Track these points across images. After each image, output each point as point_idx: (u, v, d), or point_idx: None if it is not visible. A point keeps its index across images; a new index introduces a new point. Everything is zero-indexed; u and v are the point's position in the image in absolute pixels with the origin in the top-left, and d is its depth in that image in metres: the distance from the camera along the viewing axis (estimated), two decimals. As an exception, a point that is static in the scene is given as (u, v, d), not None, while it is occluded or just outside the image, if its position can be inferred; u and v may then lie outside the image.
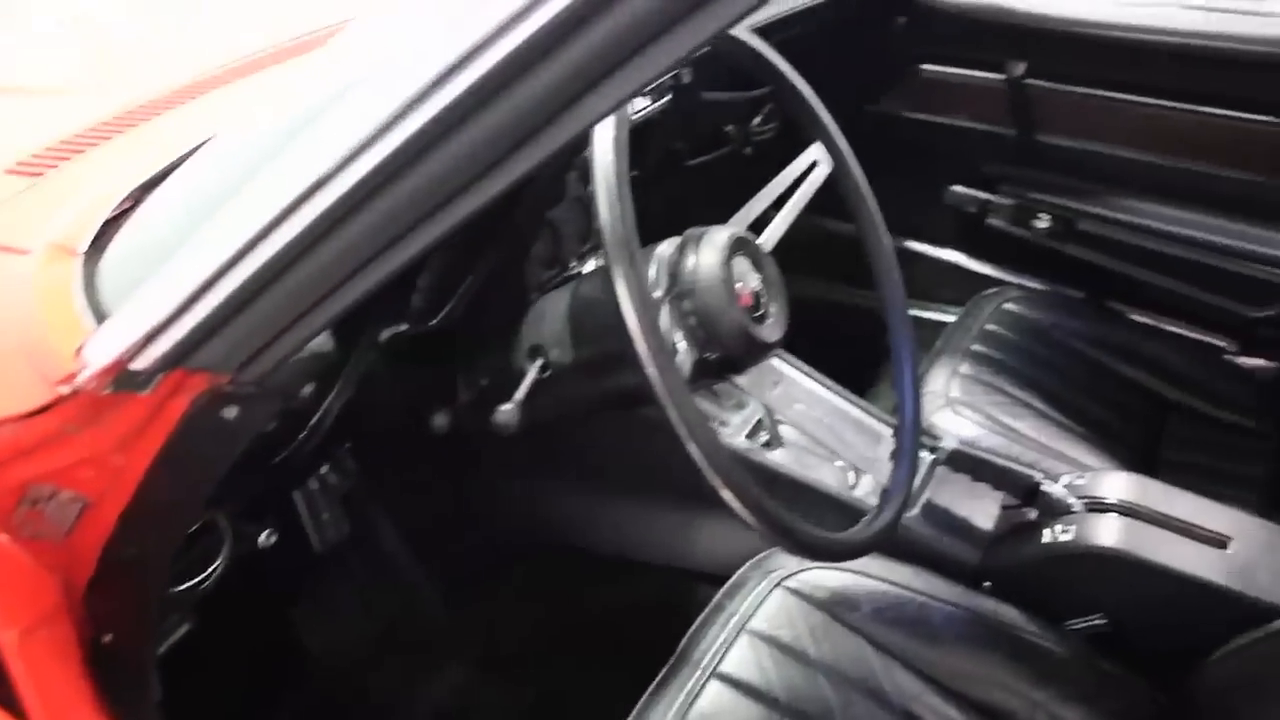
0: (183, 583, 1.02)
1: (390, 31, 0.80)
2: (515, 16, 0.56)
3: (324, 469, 1.36)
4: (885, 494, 1.12)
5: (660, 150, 1.59)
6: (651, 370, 0.83)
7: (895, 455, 1.16)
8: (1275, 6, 1.80)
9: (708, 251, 0.97)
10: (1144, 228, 1.96)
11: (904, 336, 1.21)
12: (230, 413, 0.77)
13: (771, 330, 1.02)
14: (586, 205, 1.30)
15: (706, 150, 1.77)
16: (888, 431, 1.24)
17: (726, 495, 0.87)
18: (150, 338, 0.71)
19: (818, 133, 1.19)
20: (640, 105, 1.41)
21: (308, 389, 1.07)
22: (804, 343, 1.19)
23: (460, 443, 1.23)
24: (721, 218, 1.07)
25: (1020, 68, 1.96)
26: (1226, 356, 1.97)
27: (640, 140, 1.46)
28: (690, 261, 0.97)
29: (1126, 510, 1.24)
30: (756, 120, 1.83)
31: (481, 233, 1.13)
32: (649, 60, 0.58)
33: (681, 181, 1.71)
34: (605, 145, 0.88)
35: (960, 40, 2.04)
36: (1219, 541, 1.21)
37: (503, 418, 1.02)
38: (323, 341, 0.95)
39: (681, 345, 0.95)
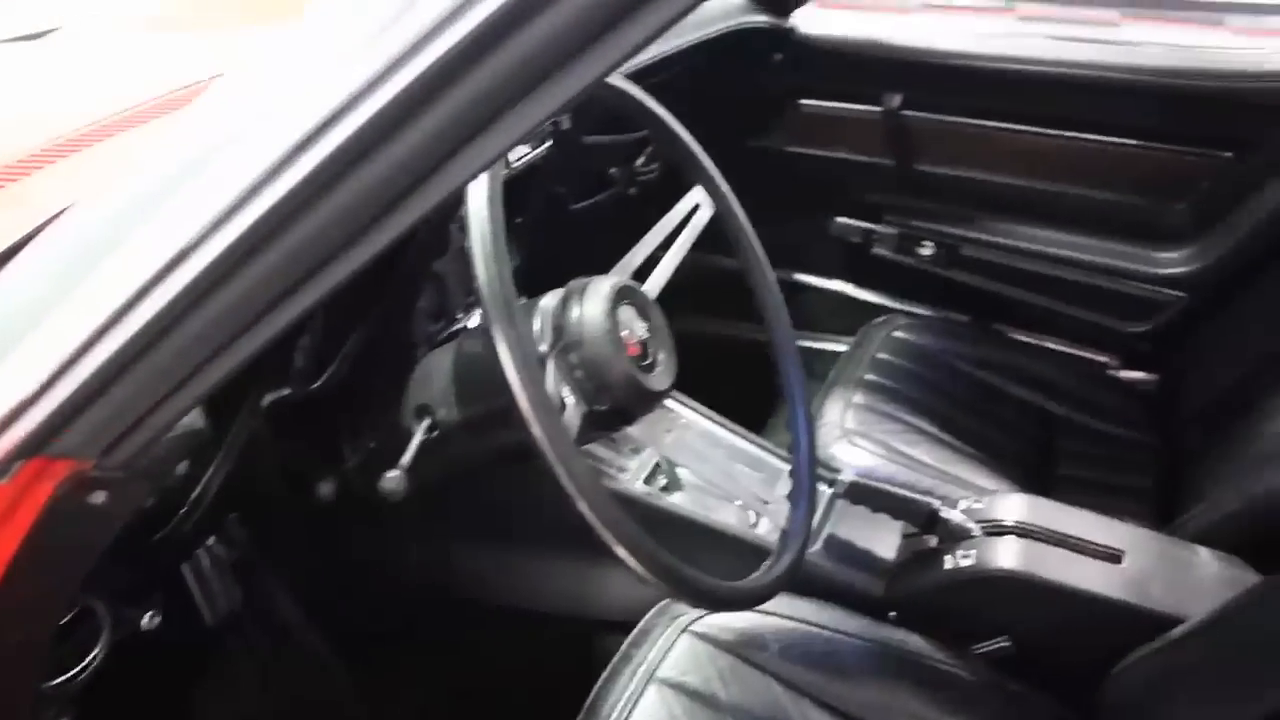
0: (57, 676, 0.97)
1: (257, 90, 0.78)
2: (383, 75, 0.55)
3: (211, 541, 1.31)
4: (784, 536, 1.11)
5: (544, 196, 1.58)
6: (537, 430, 0.82)
7: (792, 496, 1.16)
8: (1130, 36, 1.87)
9: (592, 302, 0.96)
10: (1024, 250, 2.01)
11: (795, 378, 1.21)
12: (98, 499, 0.73)
13: (660, 379, 1.01)
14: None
15: (591, 194, 1.76)
16: (786, 468, 1.24)
17: (621, 553, 0.86)
18: (4, 425, 0.67)
19: (698, 176, 1.19)
20: (521, 152, 1.40)
21: (183, 467, 1.02)
22: (697, 380, 1.18)
23: (354, 502, 1.20)
24: (610, 260, 1.06)
25: (897, 99, 2.00)
26: (1110, 372, 2.02)
27: (523, 187, 1.45)
28: (575, 313, 0.96)
29: (1023, 532, 1.25)
30: (640, 161, 1.84)
31: (364, 289, 1.11)
32: (520, 116, 0.56)
33: (567, 226, 1.70)
34: (480, 202, 0.86)
35: (837, 74, 2.08)
36: (1113, 556, 1.23)
37: (389, 485, 0.99)
38: (195, 417, 0.91)
39: (570, 399, 0.93)
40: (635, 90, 1.14)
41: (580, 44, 0.53)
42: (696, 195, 1.17)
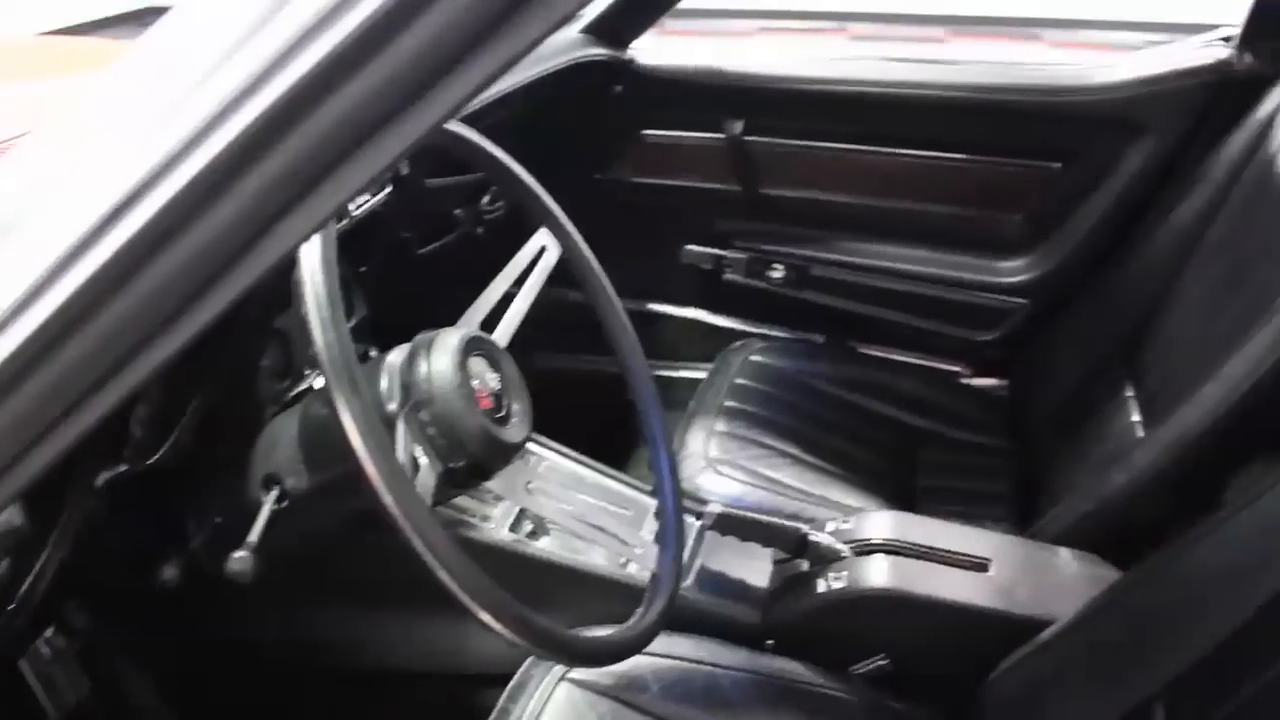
0: None
1: (67, 148, 0.72)
2: (203, 131, 0.51)
3: (49, 631, 1.22)
4: (654, 580, 1.09)
5: (388, 243, 1.54)
6: (388, 498, 0.78)
7: (660, 539, 1.14)
8: (956, 51, 1.93)
9: (440, 356, 0.93)
10: (871, 267, 2.04)
11: (654, 418, 1.19)
12: None
13: (516, 430, 0.98)
14: None
15: (437, 236, 1.73)
16: (653, 504, 1.23)
17: (487, 619, 0.82)
18: None
19: (542, 218, 1.17)
20: (361, 200, 1.36)
21: (4, 565, 0.95)
22: (557, 419, 1.16)
23: (201, 584, 1.13)
24: (463, 303, 1.03)
25: (738, 126, 2.02)
26: (963, 380, 2.08)
27: (366, 234, 1.40)
28: (423, 369, 0.92)
29: (892, 549, 1.26)
30: (485, 200, 1.81)
31: (203, 351, 1.05)
32: (352, 170, 0.52)
33: (415, 271, 1.66)
34: (313, 264, 0.82)
35: (678, 103, 2.09)
36: (980, 565, 1.25)
37: (236, 566, 0.94)
38: (13, 514, 0.84)
39: (424, 459, 0.90)
40: (472, 134, 1.12)
41: (413, 92, 0.50)
42: (542, 237, 1.15)
